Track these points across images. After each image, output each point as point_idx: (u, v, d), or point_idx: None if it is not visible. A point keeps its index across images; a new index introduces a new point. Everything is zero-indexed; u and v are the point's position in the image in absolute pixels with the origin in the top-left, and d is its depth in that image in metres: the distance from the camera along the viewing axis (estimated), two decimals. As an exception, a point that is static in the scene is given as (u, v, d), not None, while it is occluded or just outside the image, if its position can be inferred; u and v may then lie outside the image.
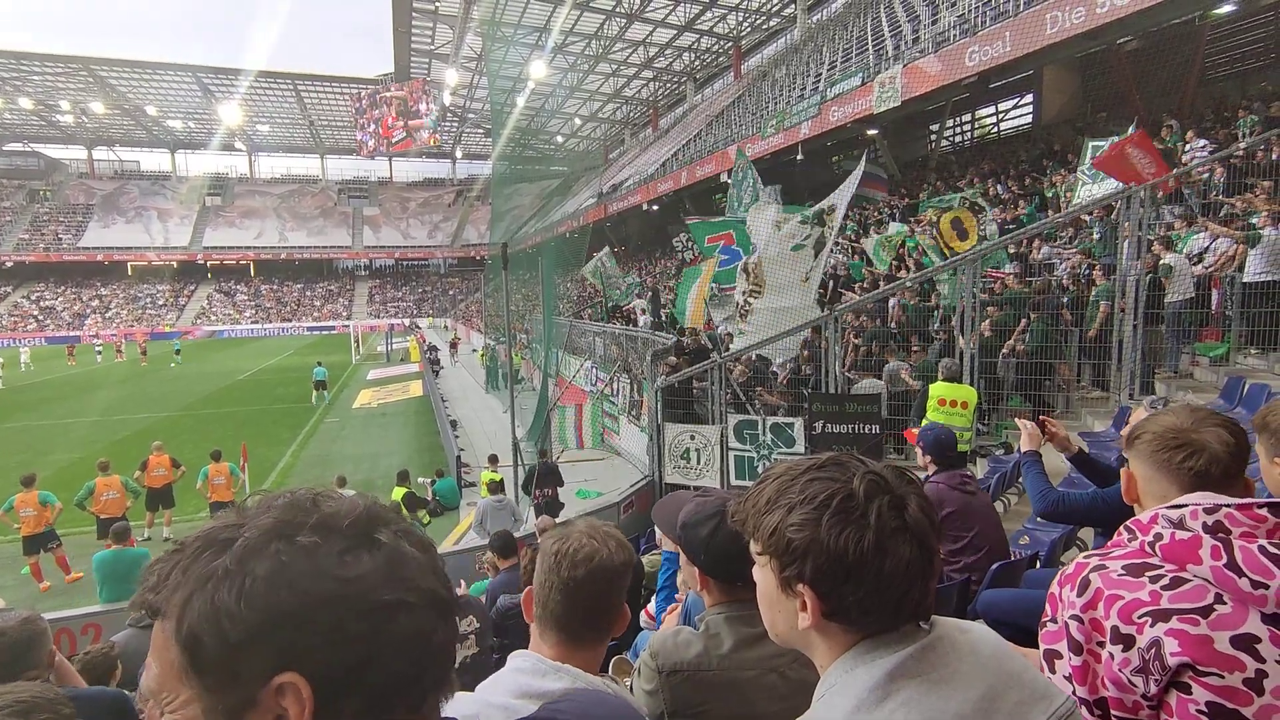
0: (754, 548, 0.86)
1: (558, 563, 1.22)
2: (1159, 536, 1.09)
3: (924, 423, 6.07)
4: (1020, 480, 5.68)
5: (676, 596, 2.80)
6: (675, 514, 1.51)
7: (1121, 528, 1.19)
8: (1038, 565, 3.64)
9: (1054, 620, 1.14)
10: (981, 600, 2.94)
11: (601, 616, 1.24)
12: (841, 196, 8.82)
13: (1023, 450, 2.93)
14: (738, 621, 1.34)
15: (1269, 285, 6.06)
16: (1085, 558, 1.15)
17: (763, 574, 0.85)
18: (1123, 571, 1.07)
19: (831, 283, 11.66)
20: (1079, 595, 1.09)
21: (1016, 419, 3.16)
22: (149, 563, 0.59)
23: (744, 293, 9.21)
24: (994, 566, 3.20)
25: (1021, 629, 2.69)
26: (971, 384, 6.64)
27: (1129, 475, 1.38)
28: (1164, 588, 1.02)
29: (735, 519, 0.89)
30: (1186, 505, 1.11)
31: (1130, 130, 8.26)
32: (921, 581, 0.78)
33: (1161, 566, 1.06)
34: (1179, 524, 1.10)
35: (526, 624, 1.31)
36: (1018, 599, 2.89)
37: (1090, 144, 9.41)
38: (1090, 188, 9.08)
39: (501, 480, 8.79)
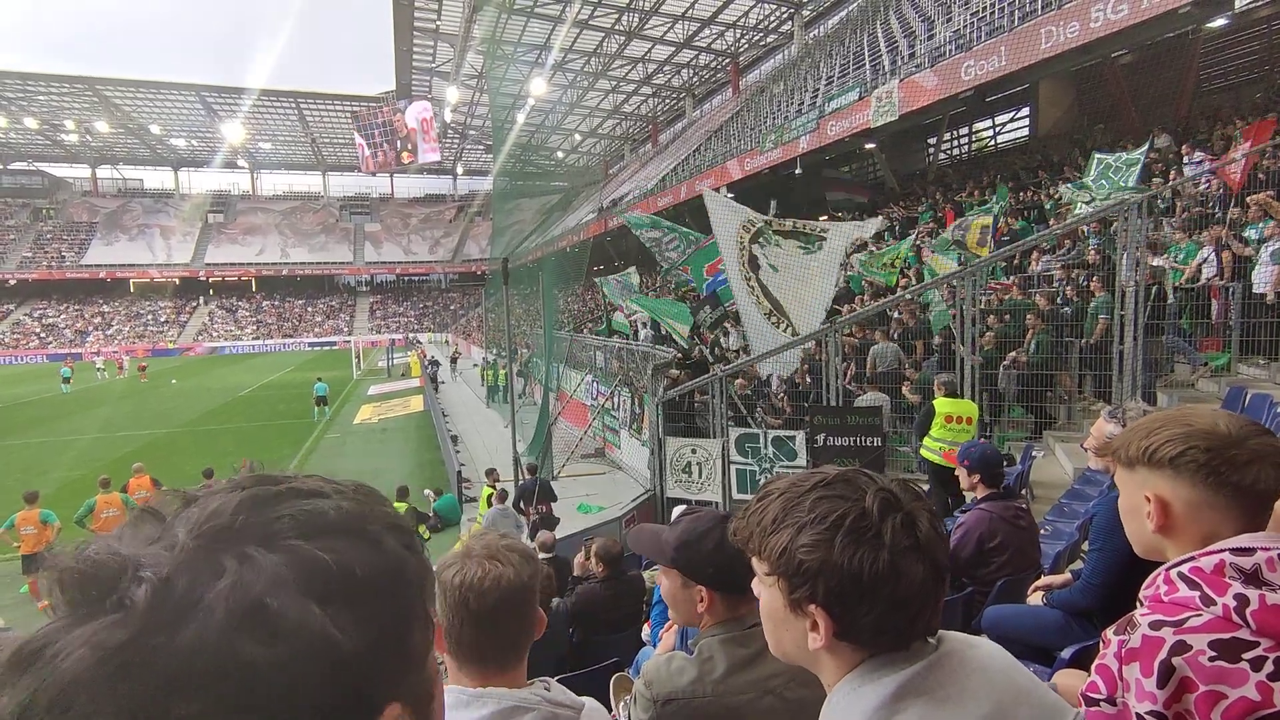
0: (759, 567, 0.84)
1: (463, 596, 1.12)
2: (1243, 600, 0.88)
3: (926, 440, 6.08)
4: (1023, 489, 5.65)
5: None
6: (657, 538, 1.46)
7: (1173, 574, 0.97)
8: (1041, 577, 3.61)
9: (1111, 702, 0.95)
10: (987, 616, 2.91)
11: (521, 636, 1.18)
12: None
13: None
14: (732, 644, 1.32)
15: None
16: (1153, 627, 0.92)
17: (769, 594, 0.83)
18: (1214, 654, 0.86)
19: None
20: (1160, 686, 0.88)
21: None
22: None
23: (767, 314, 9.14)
24: (999, 581, 3.16)
25: (1028, 645, 2.67)
26: (973, 396, 6.64)
27: (1161, 503, 1.03)
28: (1272, 678, 0.83)
29: (737, 537, 0.87)
30: (1256, 550, 0.91)
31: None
32: (933, 600, 0.78)
33: (1258, 643, 0.85)
34: (1255, 577, 0.90)
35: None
36: (1022, 615, 2.86)
37: (1096, 156, 9.43)
38: (1095, 184, 9.04)
39: (505, 491, 8.75)
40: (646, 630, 3.65)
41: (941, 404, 6.00)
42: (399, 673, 0.43)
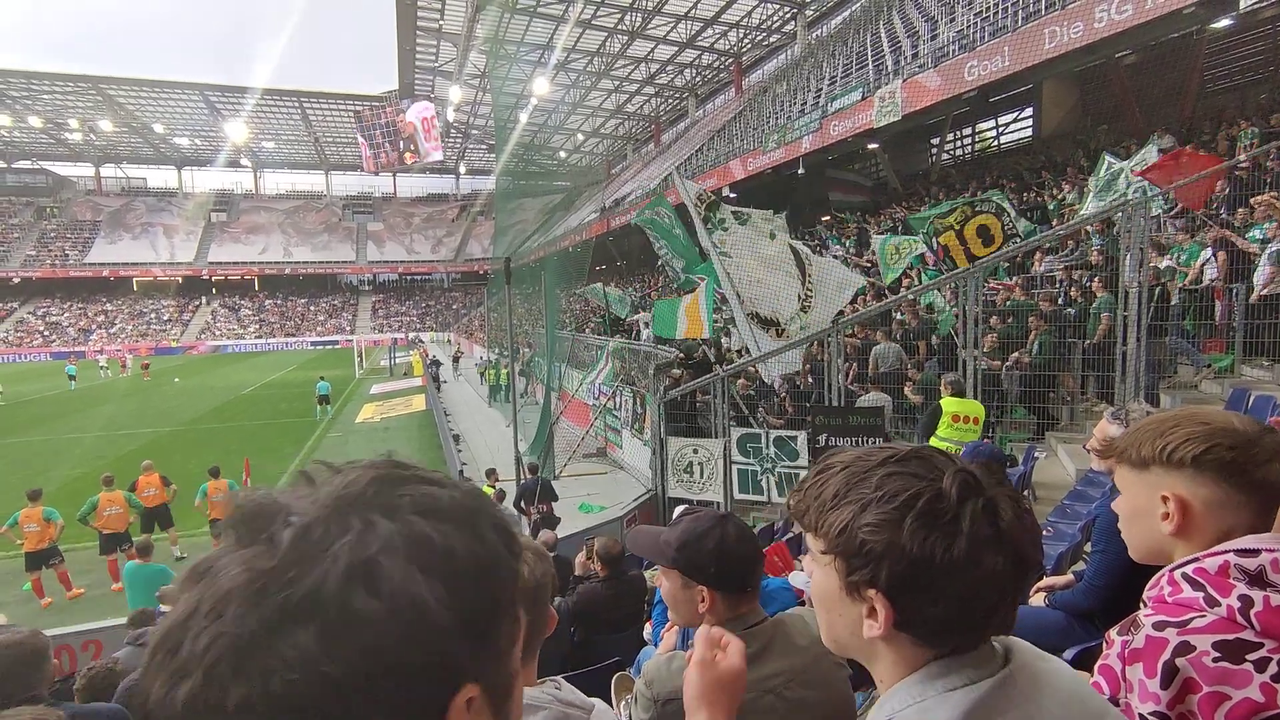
0: (814, 544, 0.77)
1: None
2: (1247, 601, 0.88)
3: (933, 440, 6.07)
4: (1025, 490, 5.64)
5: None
6: (656, 539, 1.46)
7: (1177, 575, 0.97)
8: (1043, 578, 3.60)
9: (1114, 703, 0.93)
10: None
11: (533, 634, 1.18)
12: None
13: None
14: None
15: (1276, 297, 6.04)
16: (1157, 627, 0.92)
17: (823, 574, 0.77)
18: (1218, 655, 0.86)
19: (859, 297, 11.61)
20: (1163, 687, 0.88)
21: None
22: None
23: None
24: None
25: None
26: (976, 396, 6.62)
27: (1181, 503, 1.00)
28: (1276, 679, 0.82)
29: (793, 510, 0.81)
30: (1261, 551, 0.91)
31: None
32: (1010, 597, 0.71)
33: (1262, 645, 0.85)
34: (1259, 579, 0.89)
35: None
36: (1023, 616, 2.85)
37: (1107, 157, 9.37)
38: (1103, 182, 8.95)
39: (503, 491, 8.75)
40: (648, 630, 3.65)
41: (949, 403, 6.00)
42: (482, 658, 0.47)
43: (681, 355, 11.25)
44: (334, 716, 0.39)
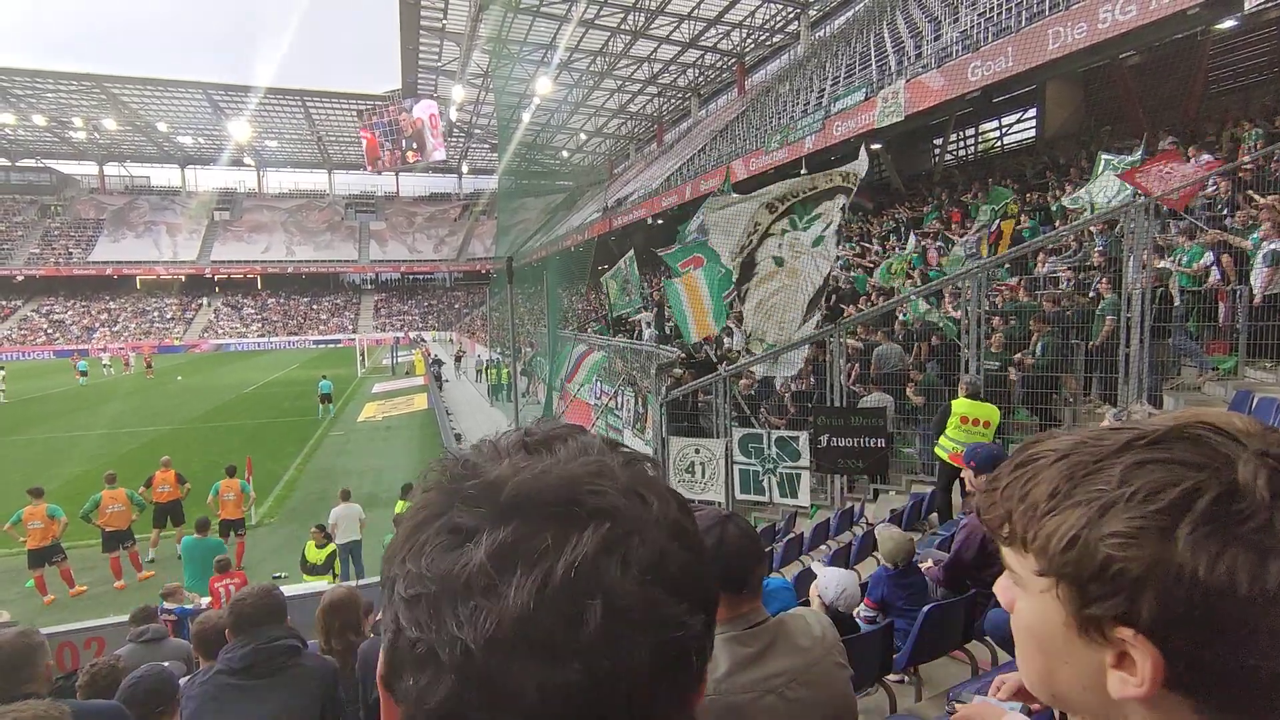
0: (1018, 562, 0.56)
1: None
2: None
3: (941, 439, 6.06)
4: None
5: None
6: None
7: None
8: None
9: None
10: (990, 619, 2.90)
11: None
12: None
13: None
14: (734, 642, 1.32)
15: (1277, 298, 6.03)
16: None
17: (1037, 604, 0.54)
18: None
19: (834, 296, 11.66)
20: None
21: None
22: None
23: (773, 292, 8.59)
24: (1002, 582, 3.15)
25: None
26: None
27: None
28: None
29: (984, 518, 0.60)
30: None
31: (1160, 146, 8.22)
32: None
33: None
34: None
35: None
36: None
37: (1104, 157, 9.37)
38: (1101, 190, 8.98)
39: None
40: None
41: (959, 404, 5.98)
42: (708, 648, 0.47)
43: (683, 355, 11.24)
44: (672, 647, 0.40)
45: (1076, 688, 0.53)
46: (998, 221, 9.64)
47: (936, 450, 6.14)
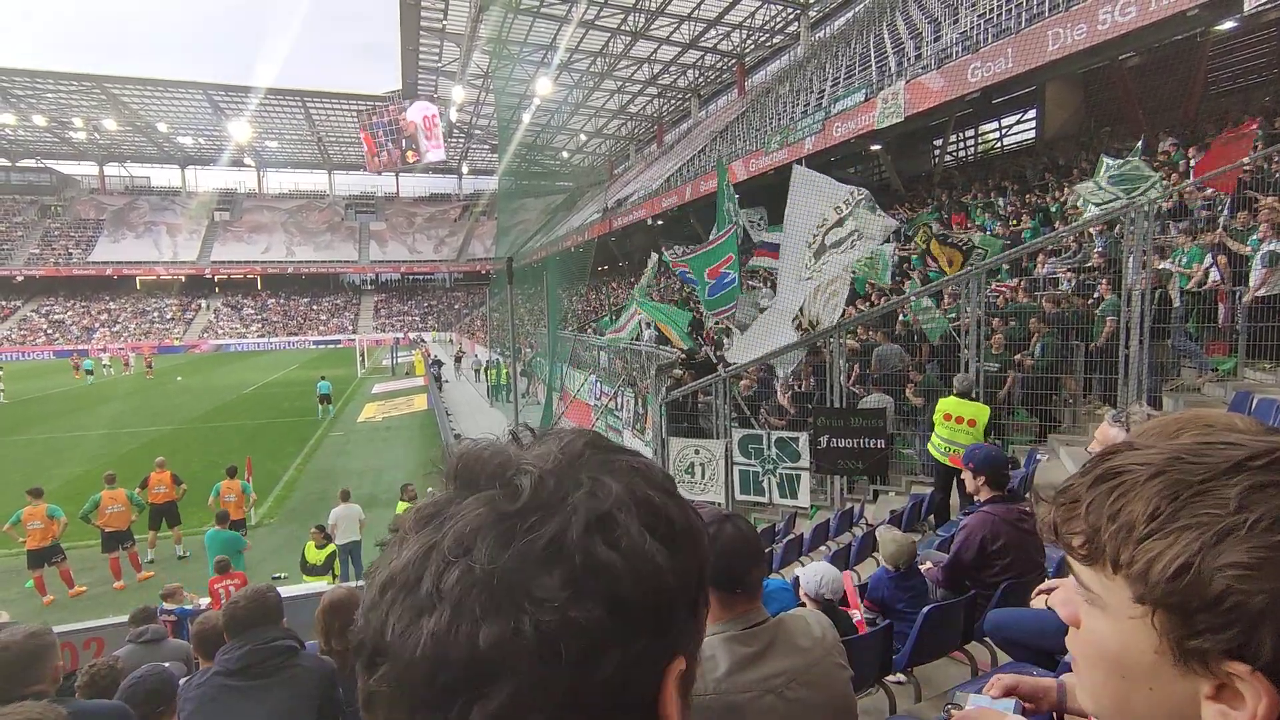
0: (1103, 583, 0.51)
1: None
2: None
3: (933, 439, 6.06)
4: (1027, 493, 5.63)
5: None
6: None
7: None
8: (1047, 579, 3.59)
9: None
10: (989, 619, 2.89)
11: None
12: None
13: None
14: (734, 642, 1.32)
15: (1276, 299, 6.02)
16: None
17: (1125, 630, 0.50)
18: None
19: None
20: None
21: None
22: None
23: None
24: (1003, 584, 3.15)
25: (1031, 648, 2.65)
26: (979, 399, 6.60)
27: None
28: None
29: (1062, 534, 0.55)
30: None
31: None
32: None
33: None
34: None
35: None
36: (1025, 618, 2.85)
37: (1105, 160, 9.36)
38: (1100, 191, 8.95)
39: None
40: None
41: (946, 402, 6.00)
42: (688, 631, 0.47)
43: (683, 355, 11.24)
44: (577, 667, 0.39)
45: (1156, 715, 0.49)
46: (925, 248, 9.35)
47: (930, 450, 6.15)
